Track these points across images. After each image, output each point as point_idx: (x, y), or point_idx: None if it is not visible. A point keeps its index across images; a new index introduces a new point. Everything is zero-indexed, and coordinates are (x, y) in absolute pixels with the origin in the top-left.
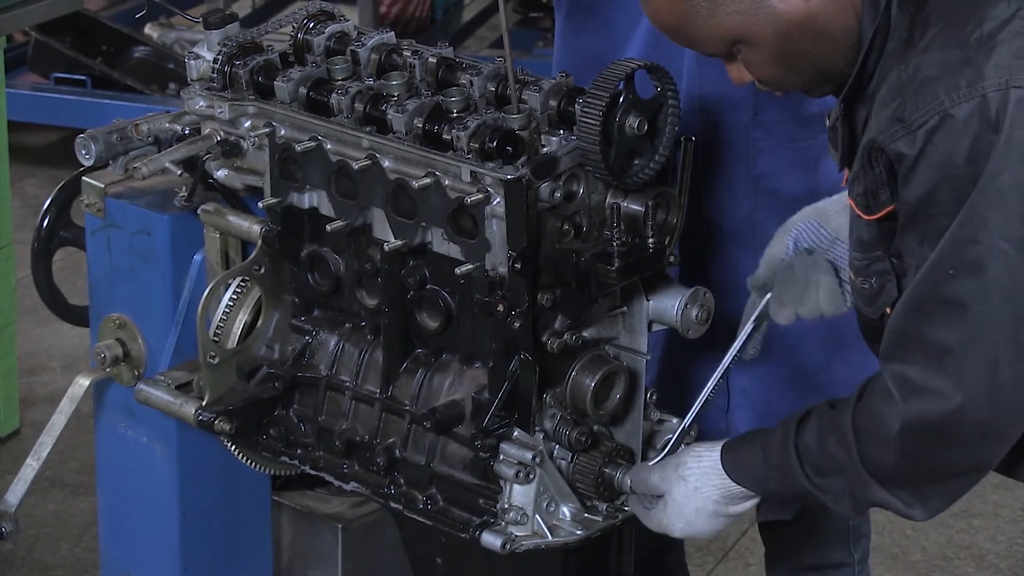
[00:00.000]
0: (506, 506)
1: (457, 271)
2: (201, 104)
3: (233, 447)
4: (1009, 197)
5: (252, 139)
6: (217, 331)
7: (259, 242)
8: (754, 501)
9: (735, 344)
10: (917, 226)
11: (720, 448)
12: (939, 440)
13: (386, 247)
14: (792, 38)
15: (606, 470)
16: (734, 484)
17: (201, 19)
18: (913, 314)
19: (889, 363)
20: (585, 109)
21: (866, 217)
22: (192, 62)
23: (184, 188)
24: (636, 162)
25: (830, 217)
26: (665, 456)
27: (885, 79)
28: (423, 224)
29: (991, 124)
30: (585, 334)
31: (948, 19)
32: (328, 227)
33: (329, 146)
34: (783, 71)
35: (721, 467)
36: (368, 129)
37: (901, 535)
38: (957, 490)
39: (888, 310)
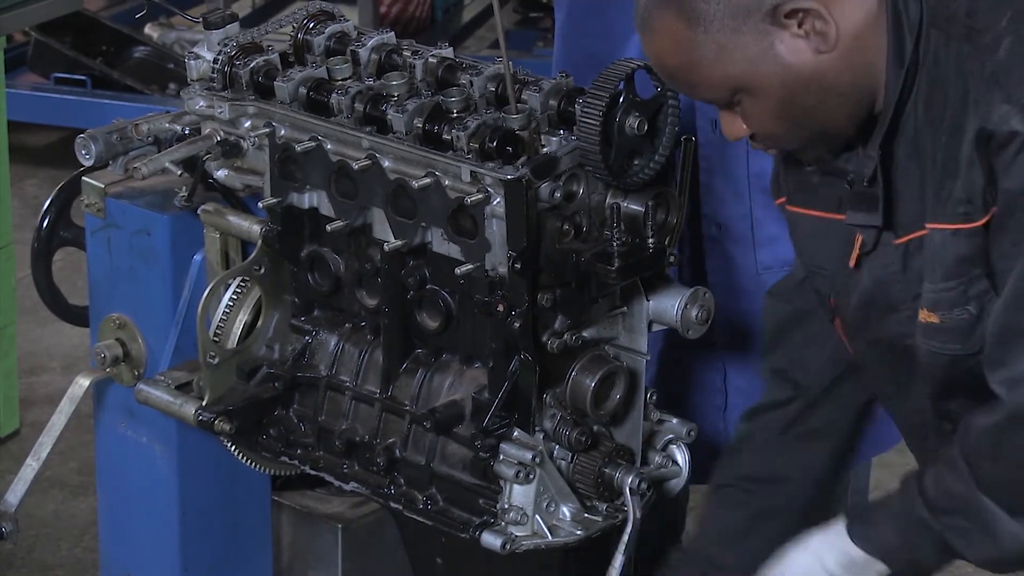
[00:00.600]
0: (506, 506)
1: (457, 271)
2: (201, 104)
3: (233, 447)
4: None
5: (252, 139)
6: (217, 331)
7: (259, 242)
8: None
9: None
10: (1012, 223)
11: (844, 519)
12: None
13: (386, 247)
14: (798, 91)
15: (606, 470)
16: (854, 548)
17: (201, 19)
18: (1016, 310)
19: (994, 371)
20: (585, 109)
21: (967, 226)
22: (192, 62)
23: (184, 188)
24: (636, 162)
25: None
26: None
27: (933, 108)
28: (423, 224)
29: None
30: (585, 334)
31: (1015, 12)
32: (328, 227)
33: (329, 146)
34: (783, 125)
35: (846, 535)
36: (368, 129)
37: None
38: None
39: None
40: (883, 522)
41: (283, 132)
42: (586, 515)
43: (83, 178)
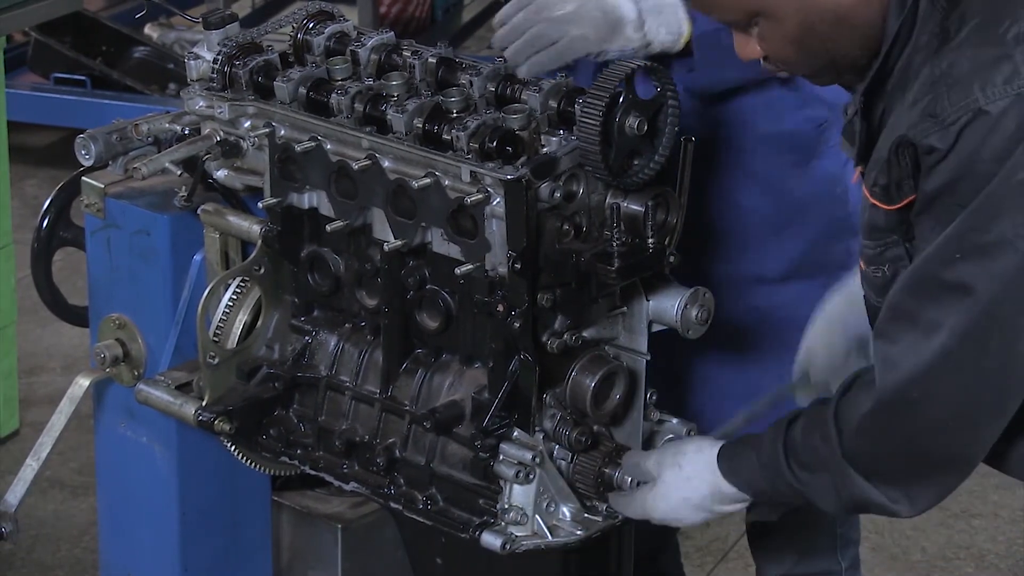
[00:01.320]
0: (506, 506)
1: (457, 271)
2: (201, 104)
3: (233, 447)
4: None
5: (252, 139)
6: (217, 331)
7: (259, 242)
8: (742, 505)
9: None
10: (933, 212)
11: (719, 447)
12: (910, 419)
13: (386, 247)
14: (815, 20)
15: (606, 470)
16: (726, 483)
17: (201, 19)
18: (912, 291)
19: (878, 340)
20: (585, 109)
21: (885, 207)
22: (192, 62)
23: (184, 188)
24: (636, 162)
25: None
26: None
27: (909, 74)
28: (423, 224)
29: (1022, 122)
30: (585, 334)
31: (984, 15)
32: (328, 227)
33: (329, 146)
34: (797, 52)
35: (718, 470)
36: (368, 129)
37: (901, 535)
38: (943, 486)
39: None
40: (749, 463)
41: (283, 132)
42: (586, 515)
43: (83, 178)
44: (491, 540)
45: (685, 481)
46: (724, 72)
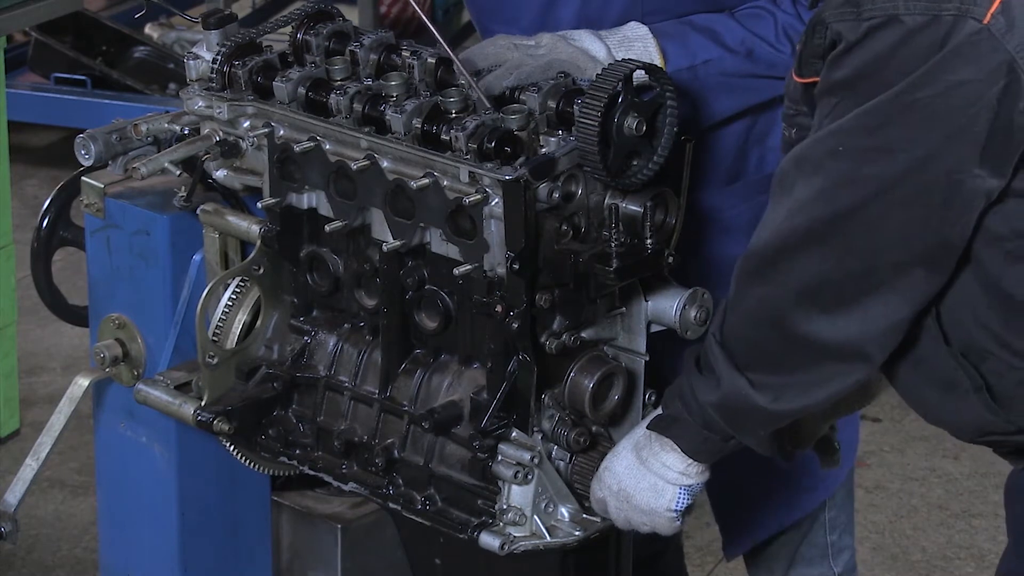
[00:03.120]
0: (504, 507)
1: (456, 272)
2: (200, 104)
3: (232, 447)
4: (922, 113)
5: (251, 139)
6: (216, 331)
7: (258, 242)
8: (682, 456)
9: None
10: (829, 100)
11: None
12: (766, 282)
13: (385, 247)
14: None
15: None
16: (649, 424)
17: (200, 19)
18: (796, 164)
19: (769, 200)
20: (584, 110)
21: (796, 78)
22: (191, 62)
23: (183, 188)
24: (635, 163)
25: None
26: None
27: None
28: (422, 224)
29: (935, 44)
30: (584, 335)
31: None
32: (327, 227)
33: (328, 146)
34: None
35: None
36: (367, 129)
37: (901, 535)
38: (807, 377)
39: None
40: (671, 392)
41: (282, 132)
42: (584, 516)
43: (83, 178)
44: (489, 540)
45: (633, 430)
46: (696, 112)
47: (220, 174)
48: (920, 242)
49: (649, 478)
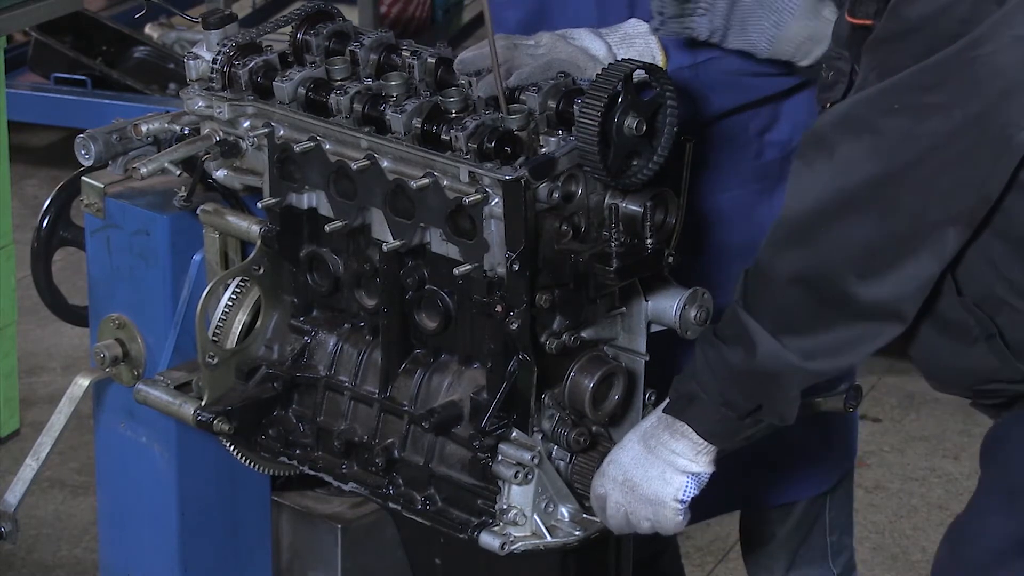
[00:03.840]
0: (504, 507)
1: (456, 271)
2: (200, 104)
3: (232, 447)
4: (982, 70)
5: (251, 139)
6: (216, 331)
7: (258, 242)
8: (698, 443)
9: None
10: (879, 53)
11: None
12: (806, 250)
13: (385, 247)
14: None
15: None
16: (665, 407)
17: (200, 19)
18: (839, 124)
19: (797, 158)
20: (584, 110)
21: (848, 18)
22: (191, 62)
23: (183, 188)
24: (635, 163)
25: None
26: None
27: None
28: (422, 224)
29: None
30: (584, 335)
31: None
32: (327, 227)
33: (328, 146)
34: None
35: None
36: (367, 129)
37: (901, 535)
38: (840, 339)
39: (828, 106)
40: (687, 373)
41: (282, 132)
42: (585, 516)
43: (83, 178)
44: (489, 540)
45: (633, 430)
46: (697, 109)
47: (220, 174)
48: (964, 200)
49: (658, 466)
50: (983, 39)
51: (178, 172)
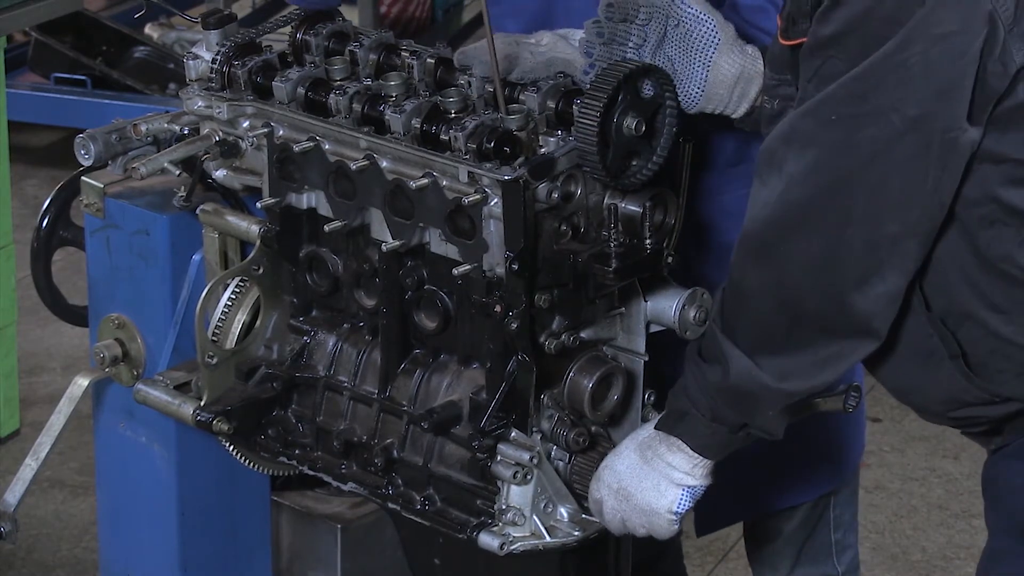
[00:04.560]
0: (504, 507)
1: (455, 272)
2: (200, 104)
3: (232, 447)
4: (912, 71)
5: (251, 139)
6: (216, 331)
7: (258, 242)
8: (693, 455)
9: None
10: (814, 61)
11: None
12: (769, 265)
13: (384, 247)
14: None
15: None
16: (657, 420)
17: (200, 19)
18: (785, 139)
19: (755, 179)
20: (583, 110)
21: (783, 41)
22: (191, 62)
23: (183, 188)
24: (634, 163)
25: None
26: None
27: None
28: (421, 224)
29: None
30: (583, 335)
31: None
32: (326, 227)
33: (327, 146)
34: None
35: (662, 432)
36: (366, 129)
37: (901, 535)
38: (815, 356)
39: None
40: (679, 388)
41: (281, 132)
42: (584, 516)
43: (82, 178)
44: (489, 541)
45: (630, 438)
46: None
47: (220, 174)
48: (918, 207)
49: (652, 477)
50: (910, 40)
51: (178, 172)
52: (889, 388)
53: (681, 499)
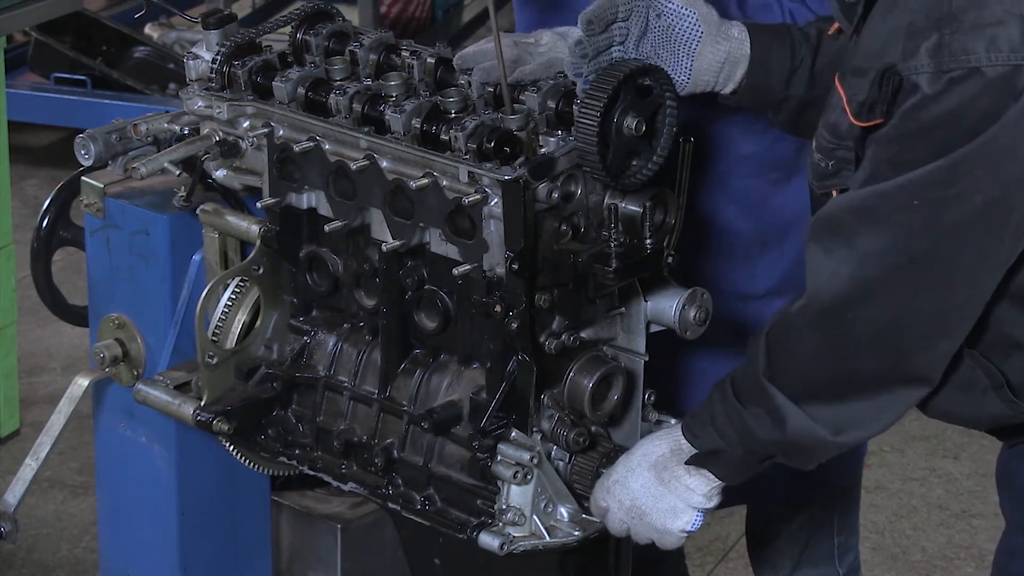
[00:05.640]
0: (504, 507)
1: (455, 272)
2: (200, 104)
3: (232, 447)
4: (1002, 159)
5: (251, 139)
6: (216, 331)
7: (258, 242)
8: (710, 481)
9: None
10: (892, 147)
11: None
12: (834, 336)
13: (384, 247)
14: None
15: (604, 471)
16: (684, 441)
17: (200, 19)
18: (857, 213)
19: (812, 241)
20: (583, 110)
21: (854, 122)
22: (191, 62)
23: (183, 188)
24: (634, 163)
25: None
26: None
27: None
28: (421, 224)
29: (1014, 92)
30: (583, 335)
31: None
32: (326, 227)
33: (327, 146)
34: None
35: (678, 431)
36: (366, 129)
37: (901, 535)
38: (868, 411)
39: (835, 193)
40: (705, 412)
41: (281, 132)
42: (584, 516)
43: (83, 178)
44: (489, 541)
45: (642, 445)
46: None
47: (220, 174)
48: (989, 274)
49: (669, 499)
50: (1001, 133)
51: (178, 172)
52: (930, 415)
53: (696, 521)
